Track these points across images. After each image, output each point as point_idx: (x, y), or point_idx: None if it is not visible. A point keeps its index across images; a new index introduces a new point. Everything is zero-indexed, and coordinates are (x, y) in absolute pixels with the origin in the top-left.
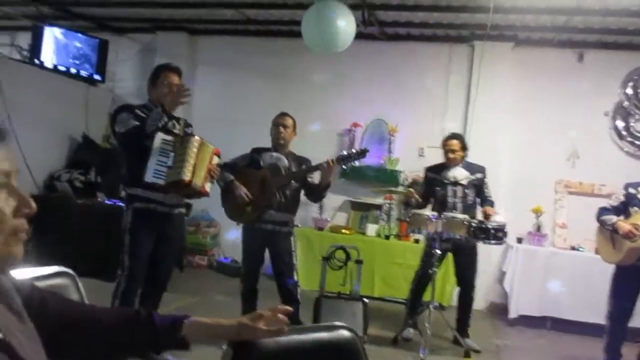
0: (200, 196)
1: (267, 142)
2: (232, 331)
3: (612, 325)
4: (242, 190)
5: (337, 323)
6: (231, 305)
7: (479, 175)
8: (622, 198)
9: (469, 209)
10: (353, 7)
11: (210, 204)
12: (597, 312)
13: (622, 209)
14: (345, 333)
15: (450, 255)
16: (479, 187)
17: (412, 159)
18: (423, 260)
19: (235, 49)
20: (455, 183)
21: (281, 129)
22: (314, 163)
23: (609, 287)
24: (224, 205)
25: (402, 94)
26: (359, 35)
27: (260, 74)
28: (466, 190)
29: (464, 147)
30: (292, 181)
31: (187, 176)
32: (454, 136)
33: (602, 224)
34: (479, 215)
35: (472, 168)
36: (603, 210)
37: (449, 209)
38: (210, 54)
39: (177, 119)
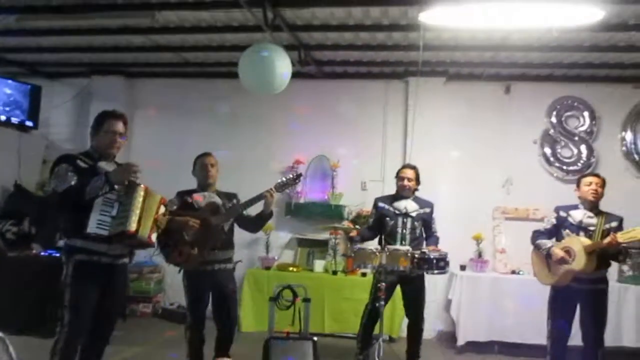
0: (146, 247)
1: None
2: None
3: (552, 346)
4: (186, 220)
5: None
6: (178, 354)
7: (427, 210)
8: (553, 221)
9: (416, 241)
10: (289, 48)
11: (151, 249)
12: (540, 333)
13: (555, 232)
14: None
15: (398, 287)
16: (426, 222)
17: (355, 193)
18: (372, 294)
19: (174, 91)
20: (406, 215)
21: (209, 167)
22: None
23: (547, 309)
24: (164, 251)
25: (343, 130)
26: (298, 74)
27: (200, 115)
28: (415, 223)
29: (417, 179)
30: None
31: (132, 227)
32: (409, 166)
33: (537, 247)
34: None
35: (421, 202)
36: (538, 234)
37: (398, 241)
38: (149, 97)
39: (120, 166)
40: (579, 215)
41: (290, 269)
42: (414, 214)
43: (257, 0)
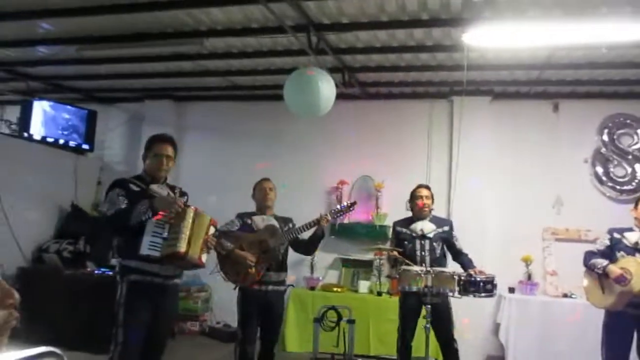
0: (197, 268)
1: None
2: None
3: None
4: (247, 256)
5: None
6: None
7: (446, 228)
8: (607, 242)
9: (437, 262)
10: (333, 70)
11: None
12: (594, 358)
13: (609, 253)
14: None
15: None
16: (447, 240)
17: (399, 213)
18: (401, 319)
19: (222, 114)
20: (423, 236)
21: (268, 191)
22: (301, 222)
23: (601, 337)
24: (224, 271)
25: (387, 150)
26: (342, 96)
27: (247, 137)
28: (434, 244)
29: (432, 198)
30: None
31: (182, 248)
32: (424, 185)
33: (591, 268)
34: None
35: (438, 221)
36: (591, 255)
37: (418, 263)
38: (197, 120)
39: (173, 188)
40: (635, 237)
41: (335, 289)
42: (431, 235)
43: (301, 26)
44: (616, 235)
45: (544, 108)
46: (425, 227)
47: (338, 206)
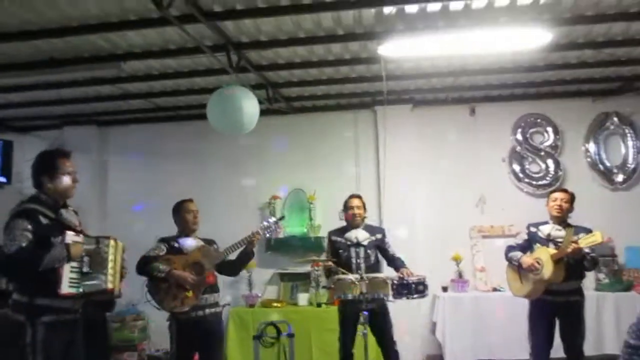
0: (110, 300)
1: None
2: None
3: (532, 358)
4: (186, 276)
5: None
6: None
7: (379, 236)
8: (525, 236)
9: (372, 269)
10: (257, 87)
11: (134, 296)
12: (526, 348)
13: (527, 247)
14: None
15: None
16: (380, 247)
17: (333, 223)
18: (341, 327)
19: (147, 136)
20: (357, 244)
21: (195, 214)
22: (232, 240)
23: (527, 324)
24: (158, 297)
25: (317, 162)
26: (269, 111)
27: (174, 159)
28: (368, 251)
29: (364, 207)
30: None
31: (110, 284)
32: (356, 195)
33: (509, 261)
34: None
35: (372, 229)
36: (510, 248)
37: (354, 271)
38: (122, 144)
39: (73, 210)
40: (548, 229)
41: (275, 304)
42: (365, 243)
43: (220, 45)
44: (532, 230)
45: (462, 112)
46: (360, 235)
47: (265, 222)
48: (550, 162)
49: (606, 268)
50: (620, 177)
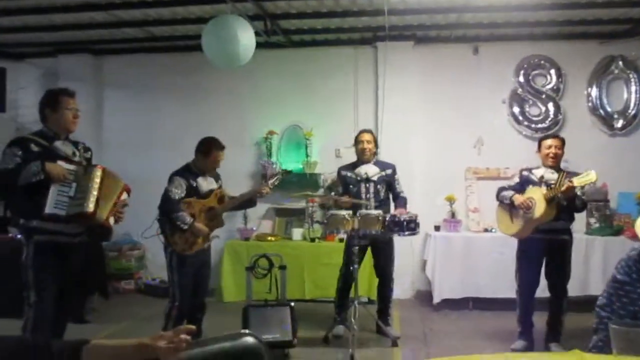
0: (103, 230)
1: (182, 163)
2: (134, 352)
3: (521, 299)
4: (205, 231)
5: (242, 331)
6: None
7: (388, 172)
8: (517, 179)
9: (382, 205)
10: (254, 18)
11: (131, 226)
12: (512, 287)
13: (519, 189)
14: (249, 340)
15: (369, 250)
16: (389, 183)
17: (329, 161)
18: (345, 259)
19: (144, 68)
20: (367, 180)
21: (220, 162)
22: (231, 176)
23: (515, 264)
24: (175, 241)
25: (314, 99)
26: (266, 44)
27: (171, 92)
28: (378, 187)
29: (375, 142)
30: None
31: (90, 208)
32: (366, 130)
33: (501, 200)
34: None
35: (382, 165)
36: (501, 189)
37: (363, 206)
38: (118, 75)
39: (76, 144)
40: (541, 172)
41: (269, 238)
42: (375, 178)
43: None
44: (525, 173)
45: (465, 51)
46: (370, 170)
47: (271, 179)
48: (550, 105)
49: (598, 212)
50: (620, 123)
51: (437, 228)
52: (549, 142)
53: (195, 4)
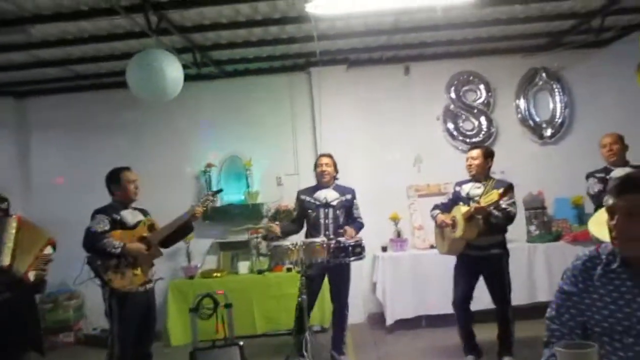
0: (21, 284)
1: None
2: None
3: (457, 312)
4: (141, 247)
5: None
6: None
7: (348, 197)
8: (450, 196)
9: (340, 230)
10: (183, 51)
11: (66, 274)
12: None
13: (451, 206)
14: None
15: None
16: (348, 209)
17: (271, 189)
18: (300, 288)
19: (71, 108)
20: (327, 205)
21: (135, 185)
22: (170, 212)
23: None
24: (110, 278)
25: (251, 128)
26: (198, 76)
27: (101, 130)
28: (337, 212)
29: (335, 166)
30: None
31: (5, 261)
32: (326, 154)
33: (432, 218)
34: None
35: (342, 189)
36: (434, 207)
37: (322, 231)
38: (44, 116)
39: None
40: (468, 188)
41: (215, 274)
42: (334, 203)
43: (137, 6)
44: (457, 189)
45: (397, 72)
46: (329, 195)
47: (203, 196)
48: (483, 119)
49: (536, 220)
50: (549, 132)
51: (384, 249)
52: (469, 153)
53: (119, 40)
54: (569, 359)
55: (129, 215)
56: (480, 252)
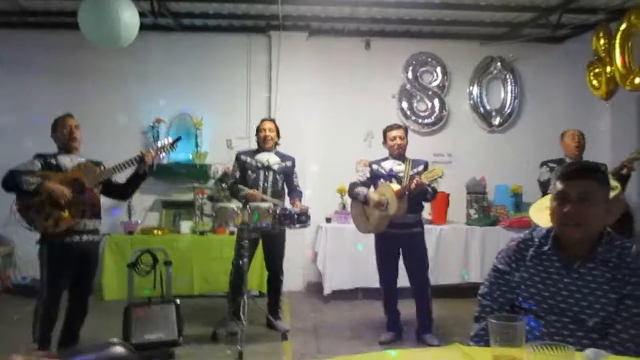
0: None
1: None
2: None
3: (383, 288)
4: (61, 189)
5: (110, 340)
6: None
7: (288, 164)
8: (367, 174)
9: (277, 194)
10: None
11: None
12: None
13: (370, 184)
14: (118, 350)
15: (260, 242)
16: (287, 175)
17: (220, 151)
18: (236, 252)
19: (14, 45)
20: (268, 167)
21: (74, 129)
22: (111, 162)
23: (375, 256)
24: (29, 216)
25: (205, 87)
26: (153, 27)
27: (45, 72)
28: (277, 176)
29: (277, 132)
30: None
31: None
32: (269, 119)
33: (354, 197)
34: (287, 203)
35: (283, 156)
36: (353, 185)
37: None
38: None
39: None
40: (389, 164)
41: (155, 232)
42: (275, 167)
43: None
44: (374, 167)
45: (358, 45)
46: (271, 158)
47: (160, 142)
48: (436, 101)
49: (477, 204)
50: (497, 121)
51: (328, 220)
52: (393, 132)
53: None
54: (500, 330)
55: (67, 160)
56: (402, 231)
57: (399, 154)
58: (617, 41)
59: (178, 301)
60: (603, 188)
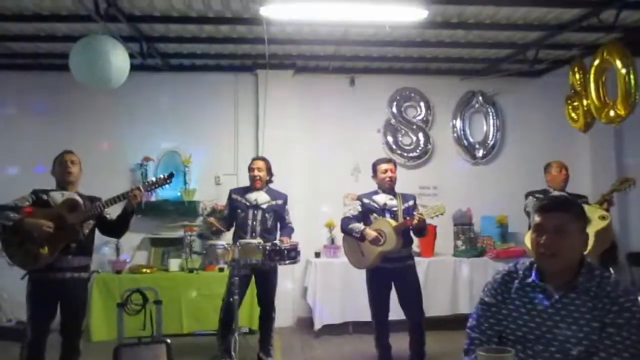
0: None
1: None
2: None
3: (375, 322)
4: (41, 223)
5: None
6: None
7: (279, 202)
8: (359, 208)
9: (267, 233)
10: (129, 40)
11: None
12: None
13: (362, 218)
14: None
15: (253, 279)
16: (278, 214)
17: (209, 188)
18: (227, 289)
19: (3, 86)
20: (256, 206)
21: (69, 164)
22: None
23: (367, 290)
24: (9, 251)
25: (193, 125)
26: (142, 67)
27: (35, 113)
28: (266, 215)
29: (269, 170)
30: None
31: None
32: (260, 158)
33: (348, 233)
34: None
35: (273, 194)
36: (347, 220)
37: (249, 233)
38: None
39: None
40: (382, 198)
41: (144, 270)
42: (264, 206)
43: None
44: (365, 200)
45: (342, 82)
46: (260, 197)
47: (153, 178)
48: (421, 135)
49: (463, 235)
50: (481, 153)
51: (317, 254)
52: (384, 166)
53: (62, 22)
54: None
55: (58, 196)
56: (396, 265)
57: (389, 188)
58: (592, 76)
59: (169, 341)
60: (578, 221)
